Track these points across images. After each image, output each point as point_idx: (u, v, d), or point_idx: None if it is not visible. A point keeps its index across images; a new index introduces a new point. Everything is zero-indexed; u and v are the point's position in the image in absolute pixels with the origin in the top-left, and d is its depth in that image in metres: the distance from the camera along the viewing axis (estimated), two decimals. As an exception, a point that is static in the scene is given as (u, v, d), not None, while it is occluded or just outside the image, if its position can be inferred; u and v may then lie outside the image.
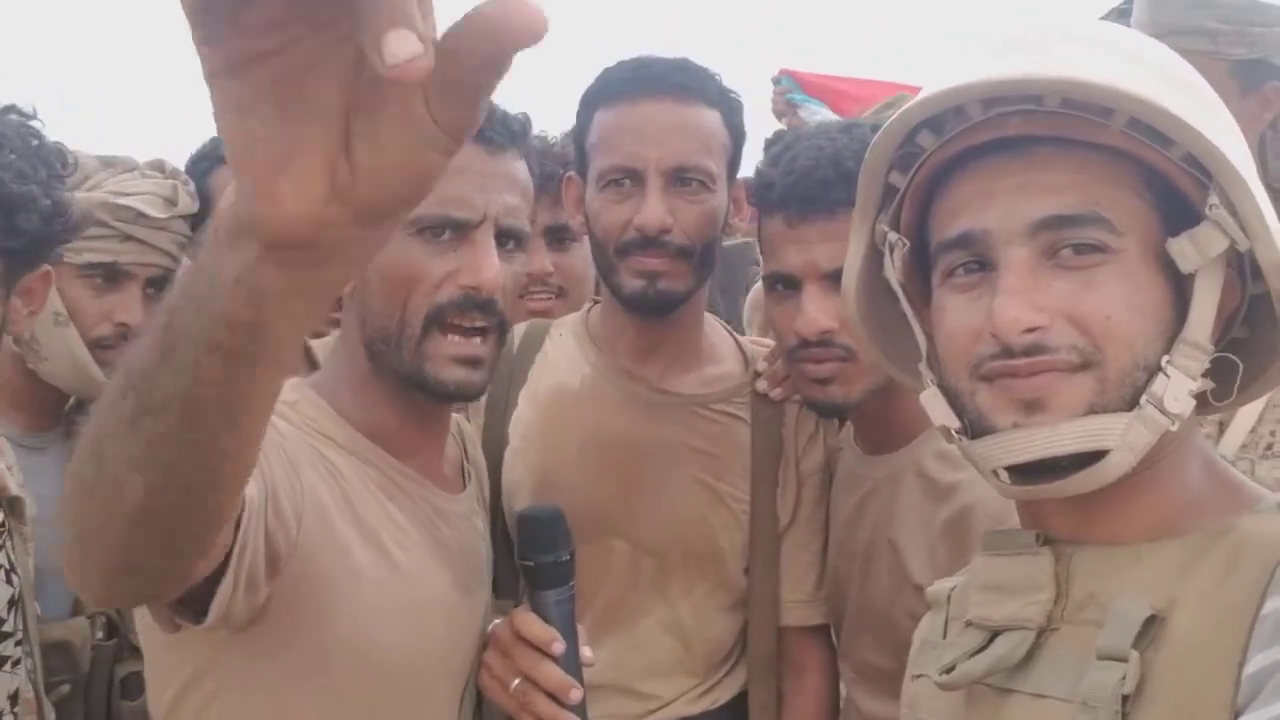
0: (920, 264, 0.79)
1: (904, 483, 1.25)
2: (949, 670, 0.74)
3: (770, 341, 1.43)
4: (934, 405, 0.76)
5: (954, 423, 0.74)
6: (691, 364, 1.39)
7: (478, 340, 1.03)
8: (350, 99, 0.39)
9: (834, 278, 1.07)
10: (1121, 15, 1.88)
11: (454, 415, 1.18)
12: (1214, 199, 0.67)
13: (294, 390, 1.03)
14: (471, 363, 1.02)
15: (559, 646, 1.05)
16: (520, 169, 1.08)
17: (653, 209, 1.26)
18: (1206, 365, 0.69)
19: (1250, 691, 0.58)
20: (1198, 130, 0.66)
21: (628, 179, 1.28)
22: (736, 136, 1.34)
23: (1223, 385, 0.71)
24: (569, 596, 1.10)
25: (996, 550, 0.77)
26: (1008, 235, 0.69)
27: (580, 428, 1.35)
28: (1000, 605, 0.73)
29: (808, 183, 1.20)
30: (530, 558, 1.09)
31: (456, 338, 1.02)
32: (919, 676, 0.83)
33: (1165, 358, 0.68)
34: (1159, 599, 0.65)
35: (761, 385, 1.39)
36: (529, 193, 1.09)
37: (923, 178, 0.75)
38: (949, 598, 0.83)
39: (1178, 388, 0.67)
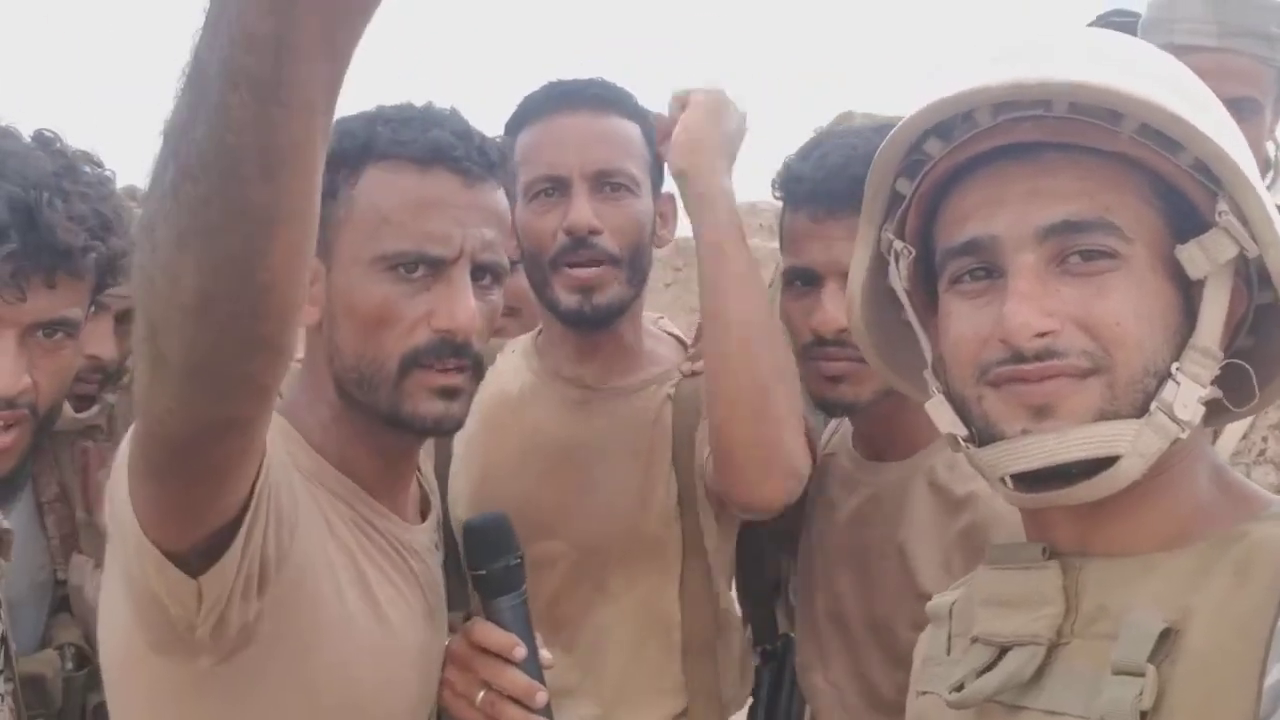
0: (925, 272, 0.78)
1: (913, 491, 1.23)
2: (958, 688, 0.73)
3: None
4: (940, 413, 0.75)
5: (961, 430, 0.73)
6: (631, 366, 1.40)
7: (455, 373, 1.00)
8: None
9: None
10: (1106, 23, 1.90)
11: None
12: (1223, 205, 0.67)
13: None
14: (449, 394, 1.00)
15: (520, 651, 1.05)
16: (499, 199, 1.05)
17: (580, 209, 1.28)
18: (1216, 372, 0.69)
19: (1271, 703, 0.58)
20: (1207, 135, 0.66)
21: (554, 188, 1.31)
22: (656, 151, 1.36)
23: (1229, 394, 0.71)
24: (523, 600, 1.09)
25: (1002, 564, 0.76)
26: (1017, 241, 0.69)
27: (518, 432, 1.37)
28: (1007, 620, 0.72)
29: (839, 179, 1.19)
30: (481, 566, 1.08)
31: (434, 373, 0.99)
32: (924, 694, 0.82)
33: (1175, 364, 0.68)
34: (1172, 610, 0.64)
35: (685, 367, 1.40)
36: (507, 223, 1.07)
37: (929, 184, 0.75)
38: (950, 612, 0.82)
39: (1187, 394, 0.67)
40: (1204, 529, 0.68)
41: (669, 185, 1.37)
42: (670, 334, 1.49)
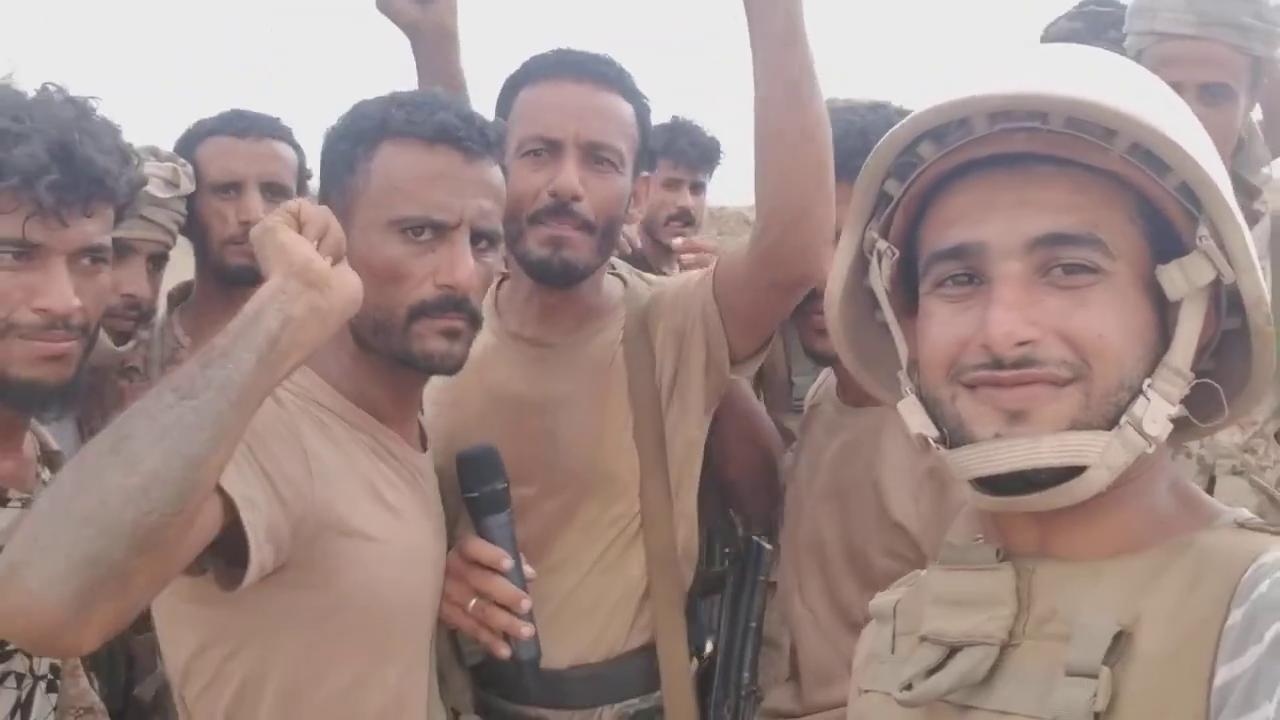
0: (905, 275, 0.79)
1: (887, 433, 1.33)
2: (908, 687, 0.73)
3: None
4: (912, 413, 0.76)
5: (932, 431, 0.74)
6: (586, 321, 1.48)
7: (455, 319, 1.17)
8: None
9: None
10: (1086, 13, 2.09)
11: None
12: (1203, 230, 0.68)
13: None
14: (452, 335, 1.17)
15: (507, 563, 1.22)
16: (495, 174, 1.21)
17: (568, 175, 1.36)
18: (1186, 391, 0.70)
19: (1219, 704, 0.59)
20: (1196, 160, 0.67)
21: (545, 149, 1.38)
22: (644, 134, 1.47)
23: (1193, 412, 0.72)
24: (509, 520, 1.26)
25: (954, 564, 0.76)
26: (1005, 249, 0.70)
27: (480, 392, 1.45)
28: (959, 620, 0.73)
29: (836, 150, 1.26)
30: (473, 489, 1.26)
31: (438, 320, 1.16)
32: (867, 691, 0.82)
33: (1147, 381, 0.69)
34: (1124, 614, 0.66)
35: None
36: (502, 195, 1.22)
37: (919, 188, 0.76)
38: (895, 610, 0.82)
39: (1157, 411, 0.68)
40: (1158, 538, 0.69)
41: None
42: (614, 269, 1.56)
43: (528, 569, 1.26)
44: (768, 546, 1.57)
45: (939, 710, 0.73)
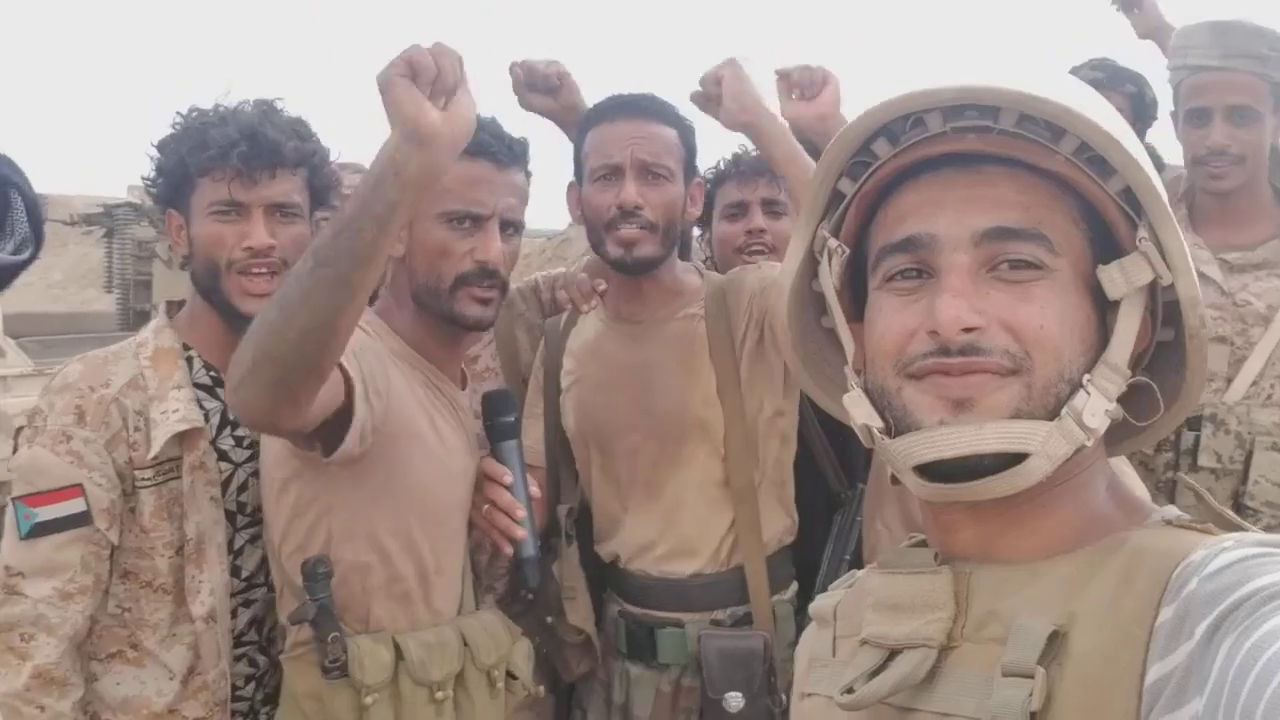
0: (852, 277, 0.80)
1: None
2: (849, 690, 0.73)
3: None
4: (857, 406, 0.76)
5: (876, 422, 0.74)
6: (669, 301, 1.87)
7: (488, 289, 1.57)
8: None
9: None
10: (1096, 69, 2.50)
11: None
12: (1143, 233, 0.70)
13: (368, 314, 1.53)
14: (484, 303, 1.58)
15: (509, 478, 1.60)
16: (520, 178, 1.62)
17: (629, 190, 1.75)
18: (1123, 389, 0.71)
19: (1150, 702, 0.59)
20: (1140, 163, 0.70)
21: (611, 174, 1.77)
22: (689, 150, 1.84)
23: (1122, 426, 0.74)
24: (517, 446, 1.64)
25: (893, 569, 0.76)
26: (954, 242, 0.71)
27: (596, 365, 1.88)
28: (898, 624, 0.72)
29: None
30: (490, 419, 1.65)
31: (475, 289, 1.56)
32: (809, 695, 0.81)
33: (1087, 376, 0.70)
34: (1059, 615, 0.66)
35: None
36: (525, 195, 1.63)
37: (872, 185, 0.77)
38: (835, 613, 0.82)
39: (1096, 405, 0.69)
40: (1094, 537, 0.70)
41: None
42: (696, 268, 1.98)
43: (533, 488, 1.62)
44: (863, 488, 1.86)
45: (881, 713, 0.72)
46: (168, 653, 1.57)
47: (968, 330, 0.69)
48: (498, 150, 1.56)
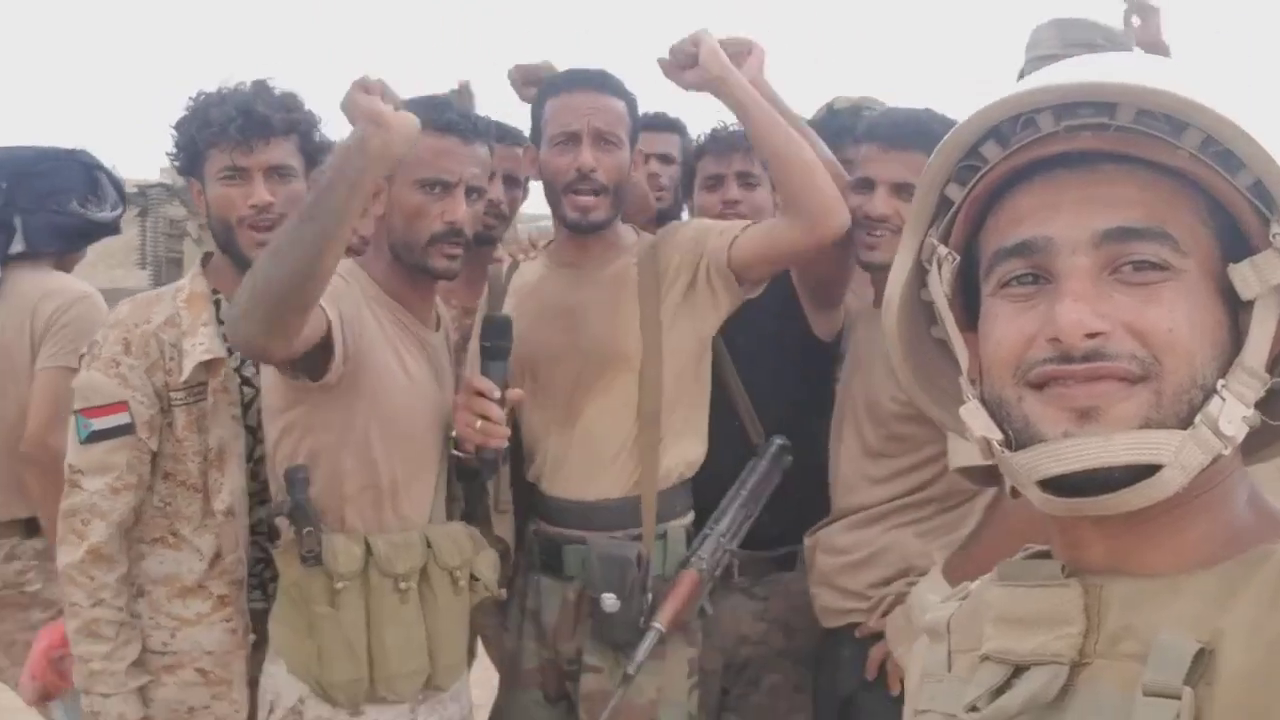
0: (964, 285, 0.77)
1: None
2: (973, 709, 0.70)
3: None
4: (975, 418, 0.73)
5: (996, 434, 0.71)
6: (609, 252, 2.11)
7: (456, 246, 1.86)
8: None
9: (902, 187, 1.87)
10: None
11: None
12: (1277, 228, 0.66)
13: (349, 264, 1.85)
14: (451, 257, 1.87)
15: (496, 393, 1.85)
16: (483, 151, 1.91)
17: (586, 155, 1.99)
18: (1261, 394, 0.68)
19: None
20: (1271, 156, 0.65)
21: (569, 139, 2.00)
22: (635, 121, 2.09)
23: (1262, 433, 0.70)
24: (505, 368, 1.90)
25: (1016, 581, 0.73)
26: (1072, 244, 0.68)
27: (535, 302, 2.12)
28: (1024, 639, 0.69)
29: (906, 124, 1.93)
30: (487, 339, 1.92)
31: (445, 245, 1.85)
32: (925, 712, 0.79)
33: (1221, 381, 0.66)
34: (1203, 632, 0.62)
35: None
36: (488, 164, 1.93)
37: (982, 190, 0.74)
38: (949, 627, 0.79)
39: (1232, 411, 0.65)
40: (1234, 551, 0.66)
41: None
42: (634, 229, 2.21)
43: (514, 396, 1.90)
44: (778, 443, 2.12)
45: None
46: (199, 539, 1.93)
47: (1091, 336, 0.65)
48: (464, 127, 1.85)
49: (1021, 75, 2.38)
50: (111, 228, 2.47)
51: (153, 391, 1.89)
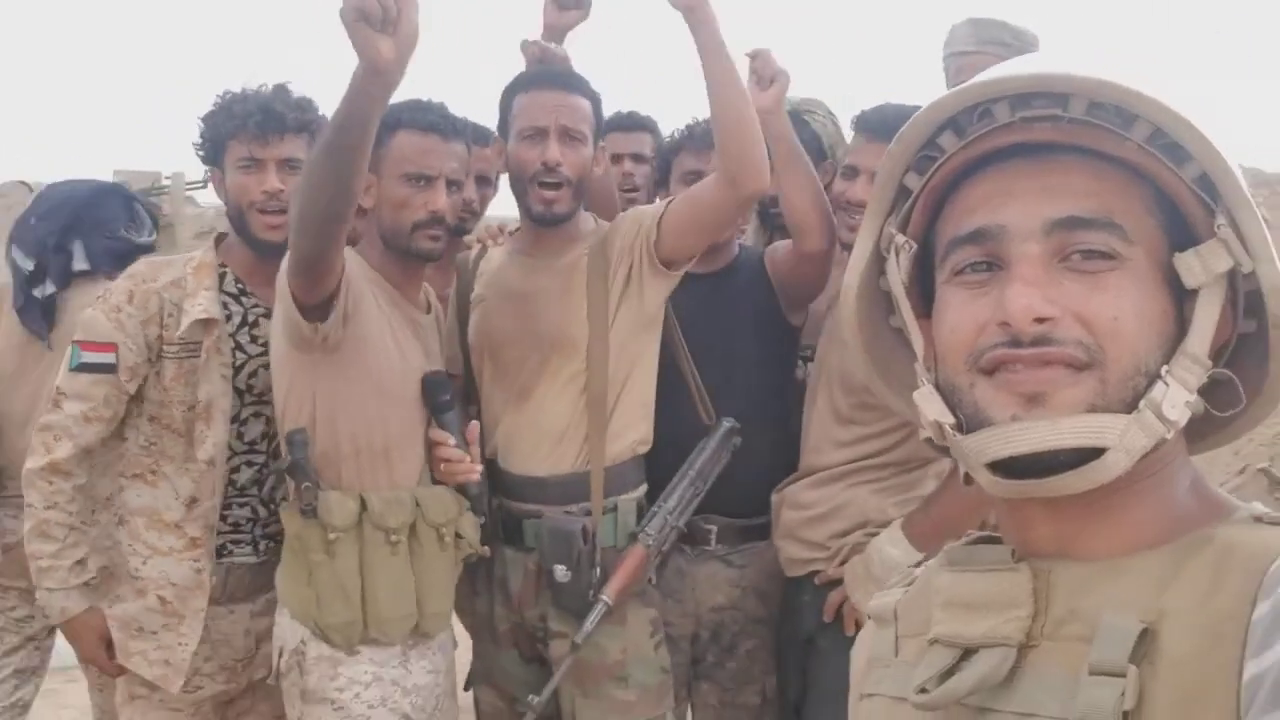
0: (920, 273, 0.78)
1: None
2: (923, 690, 0.70)
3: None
4: (928, 403, 0.74)
5: (948, 418, 0.72)
6: (567, 242, 2.22)
7: (438, 230, 2.06)
8: None
9: None
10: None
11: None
12: (1221, 219, 0.68)
13: (349, 251, 1.98)
14: (434, 239, 2.07)
15: (452, 441, 2.08)
16: (461, 148, 2.11)
17: (552, 149, 2.12)
18: (1203, 380, 0.69)
19: (1249, 700, 0.58)
20: (1216, 149, 0.67)
21: (536, 134, 2.13)
22: (599, 118, 2.22)
23: (1204, 422, 0.72)
24: (456, 417, 2.10)
25: (964, 566, 0.74)
26: (1024, 232, 0.69)
27: (496, 288, 2.27)
28: (973, 623, 0.70)
29: (895, 119, 1.88)
30: (429, 400, 2.08)
31: (427, 231, 2.05)
32: (870, 696, 0.80)
33: (1165, 367, 0.68)
34: (1146, 612, 0.64)
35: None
36: (465, 160, 2.12)
37: (939, 179, 0.75)
38: (895, 612, 0.80)
39: (1175, 396, 0.67)
40: (1177, 534, 0.68)
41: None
42: (594, 218, 2.31)
43: (471, 436, 2.10)
44: (727, 425, 2.23)
45: (955, 714, 0.70)
46: (179, 481, 2.16)
47: (1040, 321, 0.67)
48: (444, 127, 2.06)
49: (945, 69, 2.81)
50: (149, 249, 2.82)
51: (144, 342, 2.12)
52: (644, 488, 2.23)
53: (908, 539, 1.99)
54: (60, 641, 2.48)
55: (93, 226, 2.71)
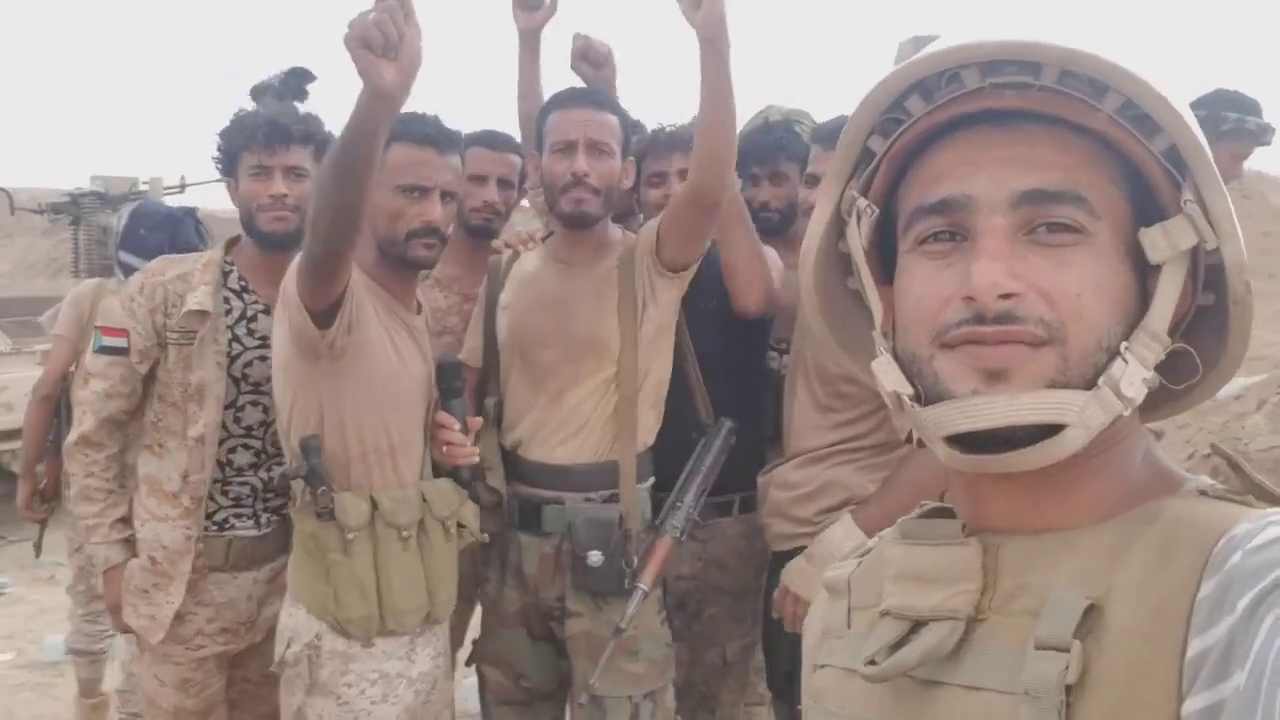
0: (880, 238, 0.77)
1: None
2: (872, 662, 0.70)
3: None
4: (886, 373, 0.73)
5: (907, 389, 0.71)
6: (598, 251, 2.39)
7: (433, 239, 2.14)
8: None
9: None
10: (1197, 106, 2.65)
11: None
12: (1188, 195, 0.67)
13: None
14: (429, 248, 2.14)
15: (456, 425, 2.22)
16: (456, 162, 2.19)
17: (581, 162, 2.28)
18: (1161, 356, 0.69)
19: (1192, 676, 0.58)
20: (1187, 122, 0.66)
21: (566, 148, 2.29)
22: (627, 133, 2.37)
23: (1159, 392, 0.71)
24: (462, 402, 2.26)
25: (917, 539, 0.74)
26: (991, 204, 0.68)
27: (530, 293, 2.40)
28: (923, 596, 0.70)
29: (842, 123, 1.99)
30: (443, 383, 2.26)
31: (422, 241, 2.13)
32: (823, 667, 0.79)
33: (1124, 344, 0.67)
34: (1094, 587, 0.64)
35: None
36: (460, 173, 2.22)
37: (904, 144, 0.73)
38: (849, 585, 0.80)
39: (1134, 373, 0.66)
40: (1128, 508, 0.67)
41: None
42: (623, 230, 2.50)
43: (472, 425, 2.27)
44: (728, 425, 2.40)
45: (904, 686, 0.70)
46: (178, 454, 2.38)
47: (1005, 297, 0.66)
48: (439, 140, 2.15)
49: None
50: None
51: (152, 328, 2.38)
52: (652, 479, 2.39)
53: (861, 530, 2.07)
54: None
55: (185, 240, 3.29)
